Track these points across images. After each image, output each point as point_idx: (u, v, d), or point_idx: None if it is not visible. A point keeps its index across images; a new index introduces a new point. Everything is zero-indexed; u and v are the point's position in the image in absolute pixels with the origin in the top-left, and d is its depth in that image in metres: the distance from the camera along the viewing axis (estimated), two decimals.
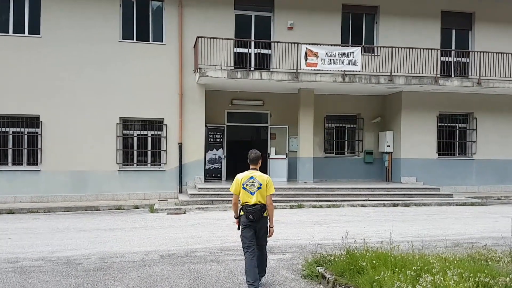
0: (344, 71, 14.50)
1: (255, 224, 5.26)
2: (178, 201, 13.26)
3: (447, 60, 16.97)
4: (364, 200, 13.69)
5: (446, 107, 16.65)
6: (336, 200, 13.59)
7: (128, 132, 14.82)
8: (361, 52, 14.72)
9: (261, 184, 5.26)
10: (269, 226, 5.41)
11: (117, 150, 14.47)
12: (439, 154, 16.60)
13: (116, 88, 14.43)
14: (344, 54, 14.44)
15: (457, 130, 17.15)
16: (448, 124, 16.97)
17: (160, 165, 14.90)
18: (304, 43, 14.26)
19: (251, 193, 5.25)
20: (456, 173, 16.66)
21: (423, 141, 16.38)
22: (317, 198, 13.64)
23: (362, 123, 17.43)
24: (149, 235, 8.86)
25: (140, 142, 15.00)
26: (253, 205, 5.21)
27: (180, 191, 14.70)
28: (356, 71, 14.55)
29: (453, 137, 17.06)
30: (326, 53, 14.33)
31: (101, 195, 14.33)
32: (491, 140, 16.91)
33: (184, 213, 12.18)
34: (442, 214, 11.98)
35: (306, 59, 14.25)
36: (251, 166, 5.46)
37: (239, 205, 5.42)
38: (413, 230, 9.40)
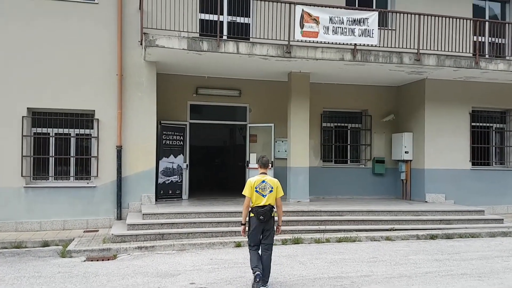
0: (355, 44, 10.24)
1: (264, 224, 5.51)
2: (110, 235, 8.56)
3: (478, 40, 12.85)
4: (388, 230, 9.40)
5: (480, 101, 12.62)
6: (348, 230, 9.28)
7: (41, 130, 10.02)
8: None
9: (272, 188, 5.59)
10: (278, 225, 5.79)
11: (22, 156, 9.65)
12: (472, 164, 12.53)
13: (22, 66, 9.68)
14: (355, 21, 10.16)
15: (493, 132, 13.14)
16: (482, 124, 12.92)
17: (89, 178, 10.15)
18: (299, 3, 9.93)
19: (263, 195, 5.54)
20: (493, 188, 12.58)
21: (453, 146, 12.25)
22: (321, 227, 9.26)
23: (370, 122, 13.20)
24: None
25: (60, 146, 10.24)
26: (263, 206, 5.50)
27: (119, 217, 10.03)
28: (373, 45, 10.30)
29: (487, 141, 13.03)
30: (330, 19, 10.02)
31: None
32: None
33: (115, 257, 7.55)
34: None
35: (302, 26, 9.89)
36: (261, 170, 5.78)
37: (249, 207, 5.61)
38: None
